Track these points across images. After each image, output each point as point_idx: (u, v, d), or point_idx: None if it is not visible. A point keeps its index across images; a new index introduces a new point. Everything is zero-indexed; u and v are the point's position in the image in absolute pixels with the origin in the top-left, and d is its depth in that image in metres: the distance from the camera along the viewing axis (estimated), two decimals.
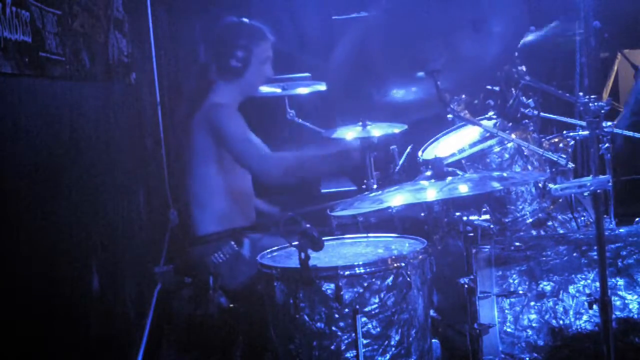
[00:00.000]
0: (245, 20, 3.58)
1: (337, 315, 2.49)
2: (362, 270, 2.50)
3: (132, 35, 4.01)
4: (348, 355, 2.49)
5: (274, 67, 3.64)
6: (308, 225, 2.44)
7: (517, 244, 2.92)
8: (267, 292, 2.60)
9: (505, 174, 2.93)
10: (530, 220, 3.42)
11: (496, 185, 2.71)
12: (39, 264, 2.39)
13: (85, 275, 2.88)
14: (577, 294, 2.68)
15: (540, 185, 3.35)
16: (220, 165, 3.42)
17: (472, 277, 2.70)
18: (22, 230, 2.28)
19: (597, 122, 2.53)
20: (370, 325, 2.50)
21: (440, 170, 2.70)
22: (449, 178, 2.66)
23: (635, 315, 2.63)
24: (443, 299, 3.46)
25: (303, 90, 4.27)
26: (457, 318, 3.30)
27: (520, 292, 2.72)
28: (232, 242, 3.36)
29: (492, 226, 2.73)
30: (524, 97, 3.51)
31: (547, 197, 3.38)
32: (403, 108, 3.15)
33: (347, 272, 2.49)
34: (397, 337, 2.53)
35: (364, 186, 3.88)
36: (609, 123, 3.18)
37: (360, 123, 3.87)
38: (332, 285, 2.47)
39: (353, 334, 2.48)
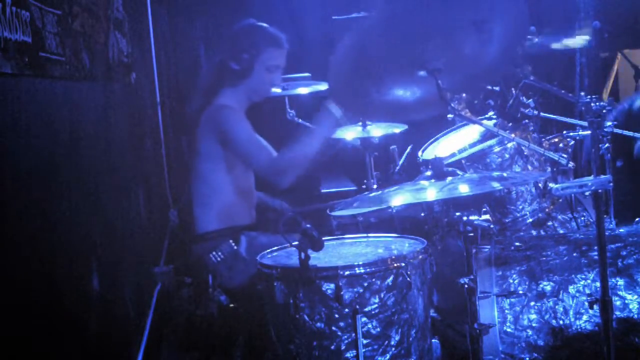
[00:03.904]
0: (263, 25, 3.55)
1: (337, 315, 2.49)
2: (362, 270, 2.50)
3: (132, 35, 4.01)
4: (348, 355, 2.49)
5: None
6: (308, 225, 2.44)
7: (517, 244, 2.92)
8: (267, 292, 2.60)
9: (505, 174, 2.93)
10: (530, 220, 3.42)
11: (496, 185, 2.71)
12: (39, 264, 2.39)
13: (85, 275, 2.88)
14: (577, 294, 2.68)
15: (540, 185, 3.35)
16: (224, 164, 3.42)
17: (472, 277, 2.70)
18: (22, 230, 2.28)
19: (599, 121, 2.53)
20: (370, 325, 2.50)
21: (440, 170, 2.70)
22: (449, 178, 2.66)
23: (635, 315, 2.63)
24: (443, 299, 3.46)
25: (303, 90, 4.26)
26: (457, 318, 3.30)
27: (520, 292, 2.72)
28: (230, 241, 3.36)
29: (492, 226, 2.73)
30: (524, 97, 3.51)
31: (548, 197, 3.37)
32: (403, 108, 3.14)
33: (347, 272, 2.49)
34: (397, 337, 2.53)
35: (364, 186, 3.88)
36: (609, 123, 3.18)
37: (360, 123, 3.87)
38: (332, 285, 2.47)
39: (353, 334, 2.48)
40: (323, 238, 2.46)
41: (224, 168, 3.42)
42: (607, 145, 3.26)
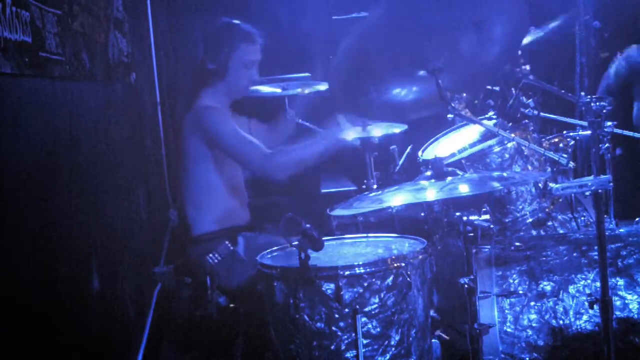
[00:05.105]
0: (235, 21, 3.57)
1: (337, 315, 2.49)
2: (362, 270, 2.50)
3: (132, 35, 4.01)
4: (348, 355, 2.49)
5: (274, 66, 3.63)
6: (308, 226, 2.44)
7: (517, 244, 2.92)
8: (267, 292, 2.60)
9: (505, 174, 2.93)
10: (530, 220, 3.42)
11: (496, 185, 2.71)
12: (39, 264, 2.39)
13: (85, 275, 2.87)
14: (577, 294, 2.68)
15: (540, 185, 3.35)
16: (214, 165, 3.43)
17: (472, 277, 2.70)
18: (22, 230, 2.28)
19: (599, 122, 2.53)
20: (370, 325, 2.50)
21: (440, 170, 2.70)
22: (449, 178, 2.66)
23: (635, 315, 2.63)
24: (443, 299, 3.46)
25: (303, 90, 4.26)
26: (457, 318, 3.31)
27: (520, 292, 2.72)
28: (227, 242, 3.36)
29: (492, 226, 2.73)
30: (524, 97, 3.51)
31: (548, 196, 3.37)
32: (403, 108, 3.14)
33: (347, 272, 2.49)
34: (397, 337, 2.53)
35: (364, 186, 3.88)
36: (609, 123, 3.18)
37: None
38: (332, 285, 2.47)
39: (353, 334, 2.48)
40: (323, 238, 2.46)
41: (213, 168, 3.43)
42: (607, 145, 3.26)
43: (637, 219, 3.21)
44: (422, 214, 3.38)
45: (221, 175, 3.45)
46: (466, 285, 2.69)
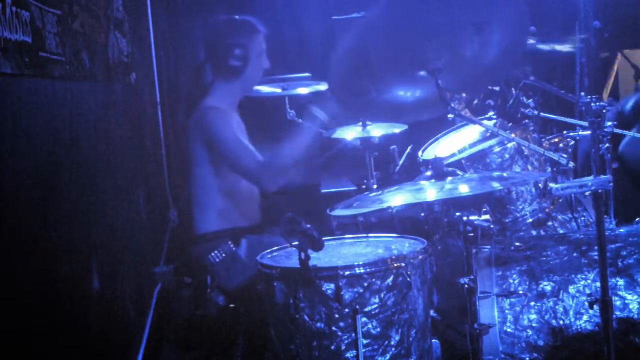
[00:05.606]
0: (235, 16, 3.57)
1: (337, 315, 2.49)
2: (362, 270, 2.50)
3: (132, 35, 4.01)
4: (348, 355, 2.49)
5: (274, 67, 3.63)
6: (308, 225, 2.44)
7: (517, 244, 2.92)
8: (267, 292, 2.60)
9: (505, 174, 2.93)
10: (530, 220, 3.42)
11: (496, 185, 2.71)
12: (39, 264, 2.39)
13: (85, 275, 2.88)
14: (577, 294, 2.68)
15: (540, 185, 3.36)
16: (216, 167, 3.42)
17: (472, 277, 2.70)
18: (22, 230, 2.28)
19: (599, 122, 2.53)
20: (370, 325, 2.50)
21: (440, 170, 2.70)
22: (449, 178, 2.66)
23: (635, 315, 2.63)
24: (443, 299, 3.46)
25: (303, 90, 4.26)
26: (457, 318, 3.30)
27: (520, 292, 2.72)
28: (230, 242, 3.36)
29: (492, 226, 2.73)
30: (524, 97, 3.51)
31: (548, 196, 3.38)
32: (403, 108, 3.14)
33: (347, 272, 2.49)
34: (397, 337, 2.53)
35: (364, 186, 3.88)
36: (609, 123, 3.18)
37: (360, 123, 3.87)
38: (332, 285, 2.47)
39: (353, 334, 2.48)
40: (323, 238, 2.46)
41: (212, 171, 3.42)
42: (607, 145, 3.26)
43: (637, 219, 3.21)
44: (422, 214, 3.38)
45: (223, 177, 3.44)
46: (466, 285, 2.69)
